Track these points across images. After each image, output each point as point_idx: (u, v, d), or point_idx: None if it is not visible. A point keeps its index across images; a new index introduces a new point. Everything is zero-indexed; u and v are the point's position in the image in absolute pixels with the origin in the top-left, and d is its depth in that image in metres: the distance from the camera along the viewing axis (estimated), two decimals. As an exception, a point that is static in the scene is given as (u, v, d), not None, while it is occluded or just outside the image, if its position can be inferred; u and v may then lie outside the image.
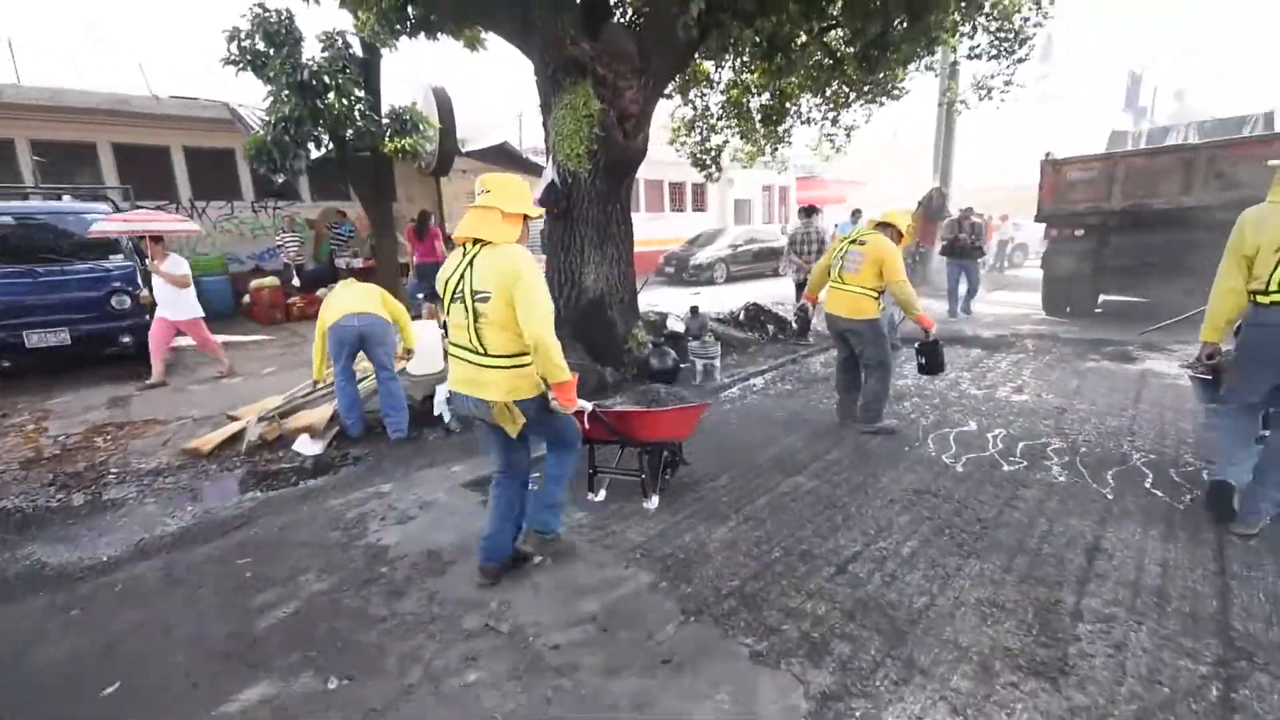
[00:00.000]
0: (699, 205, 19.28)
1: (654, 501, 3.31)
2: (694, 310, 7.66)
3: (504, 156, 11.10)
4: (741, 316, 8.54)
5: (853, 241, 4.28)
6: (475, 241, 2.29)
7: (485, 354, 2.27)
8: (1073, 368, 5.99)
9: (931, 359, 4.31)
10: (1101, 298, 9.09)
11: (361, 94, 9.84)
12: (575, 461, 2.70)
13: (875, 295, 4.18)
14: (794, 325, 8.88)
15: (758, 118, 10.02)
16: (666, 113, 10.44)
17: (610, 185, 5.91)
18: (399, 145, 9.88)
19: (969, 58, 10.87)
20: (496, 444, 2.51)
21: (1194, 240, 7.18)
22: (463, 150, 11.77)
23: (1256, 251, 2.54)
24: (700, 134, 10.82)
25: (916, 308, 4.15)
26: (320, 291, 11.03)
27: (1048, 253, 8.53)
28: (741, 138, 10.62)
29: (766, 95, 10.07)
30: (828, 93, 11.22)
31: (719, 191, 19.52)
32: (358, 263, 11.95)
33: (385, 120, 9.71)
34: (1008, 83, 10.75)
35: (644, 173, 16.95)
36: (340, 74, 8.87)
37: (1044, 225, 8.58)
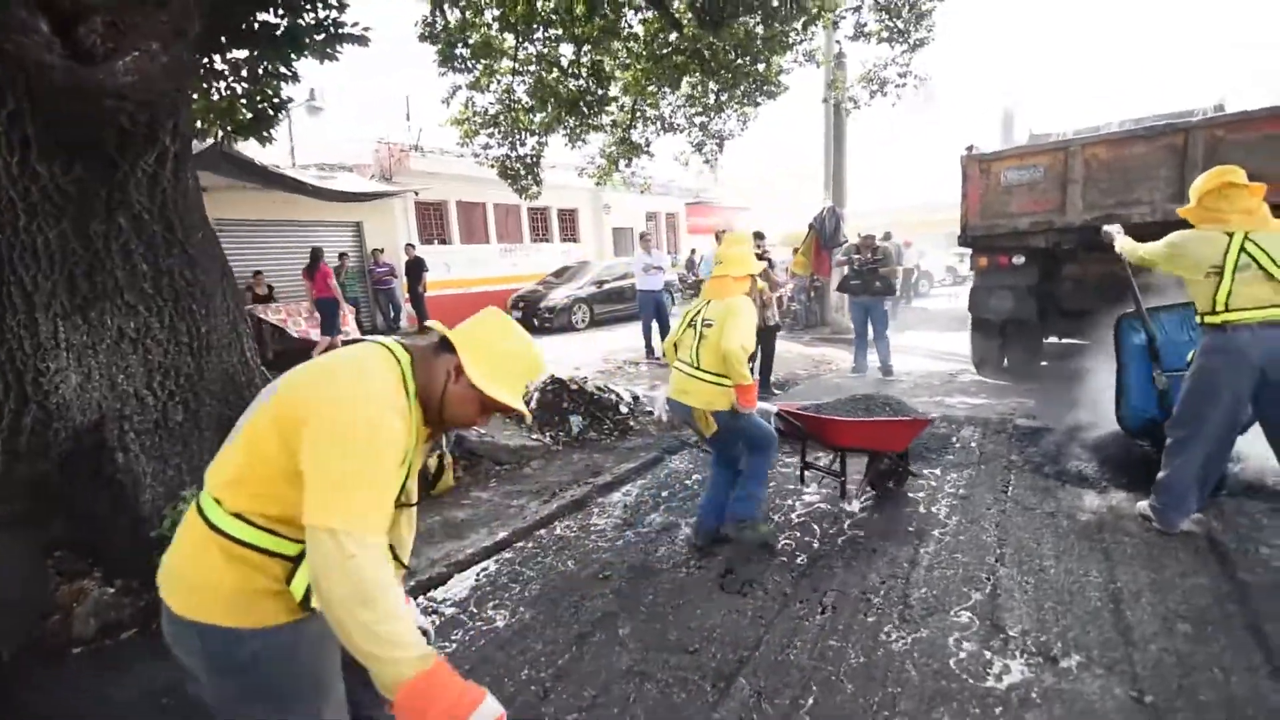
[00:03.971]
0: (569, 234, 16.30)
1: (853, 505, 3.47)
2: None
3: (223, 161, 7.61)
4: (533, 403, 5.37)
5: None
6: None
7: (698, 368, 2.85)
8: (1178, 543, 3.07)
9: None
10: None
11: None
12: (769, 464, 3.02)
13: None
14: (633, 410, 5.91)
15: (565, 106, 7.04)
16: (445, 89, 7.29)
17: (83, 168, 2.60)
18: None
19: (853, 38, 8.49)
20: (739, 435, 2.94)
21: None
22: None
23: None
24: (505, 133, 7.74)
25: None
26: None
27: (976, 290, 5.94)
28: (554, 131, 7.60)
29: (581, 78, 7.13)
30: (685, 85, 8.60)
31: (594, 219, 16.66)
32: None
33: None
34: (903, 74, 8.49)
35: (493, 196, 13.74)
36: None
37: (970, 252, 5.99)
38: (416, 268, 11.43)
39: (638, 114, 9.05)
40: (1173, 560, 2.68)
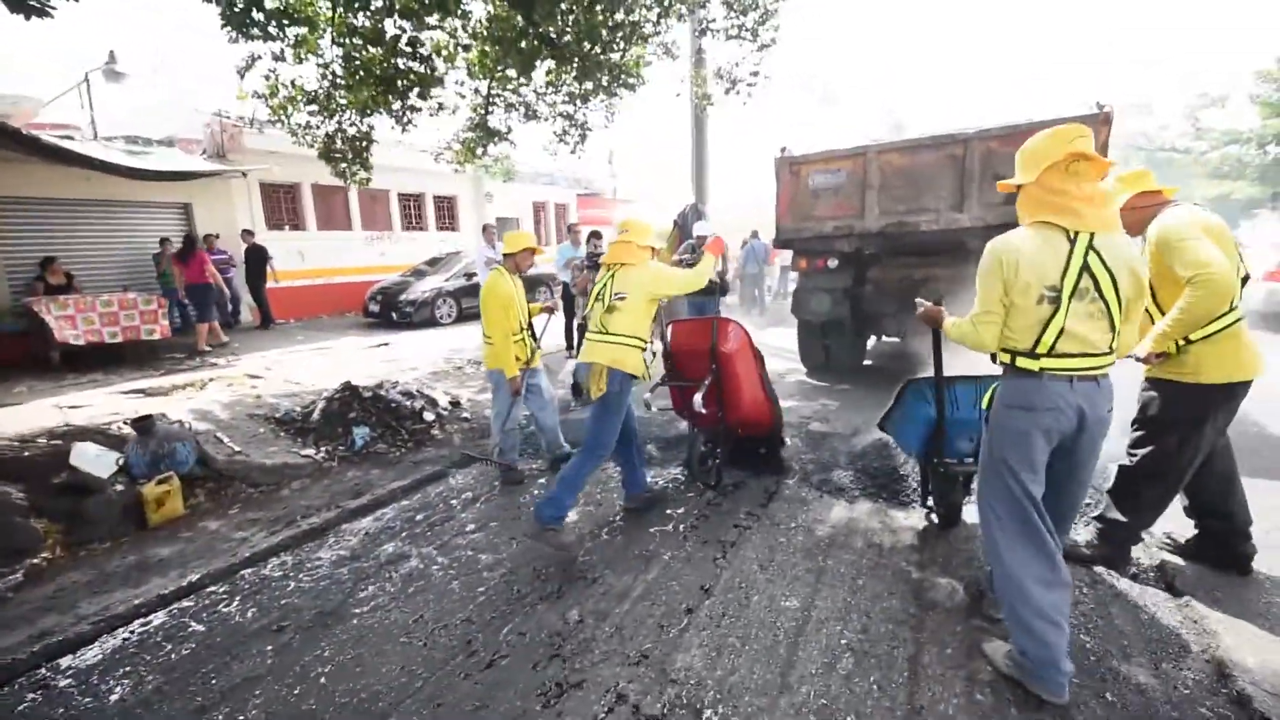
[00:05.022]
0: (447, 223, 15.47)
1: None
2: (144, 427, 3.82)
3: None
4: (317, 414, 4.84)
5: None
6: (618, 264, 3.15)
7: (606, 333, 3.06)
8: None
9: None
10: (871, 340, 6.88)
11: None
12: (587, 472, 3.12)
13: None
14: (436, 419, 5.46)
15: (382, 84, 6.45)
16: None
17: None
18: None
19: (699, 33, 8.43)
20: (590, 419, 3.15)
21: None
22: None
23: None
24: (329, 112, 7.03)
25: None
26: None
27: (797, 291, 5.98)
28: (373, 112, 6.99)
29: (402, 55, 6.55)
30: (539, 71, 8.18)
31: (474, 207, 15.90)
32: None
33: None
34: (754, 74, 8.50)
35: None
36: None
37: (792, 253, 6.01)
38: (257, 256, 10.38)
39: (493, 99, 8.60)
40: (876, 582, 2.63)
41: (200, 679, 2.24)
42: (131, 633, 2.56)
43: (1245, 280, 2.30)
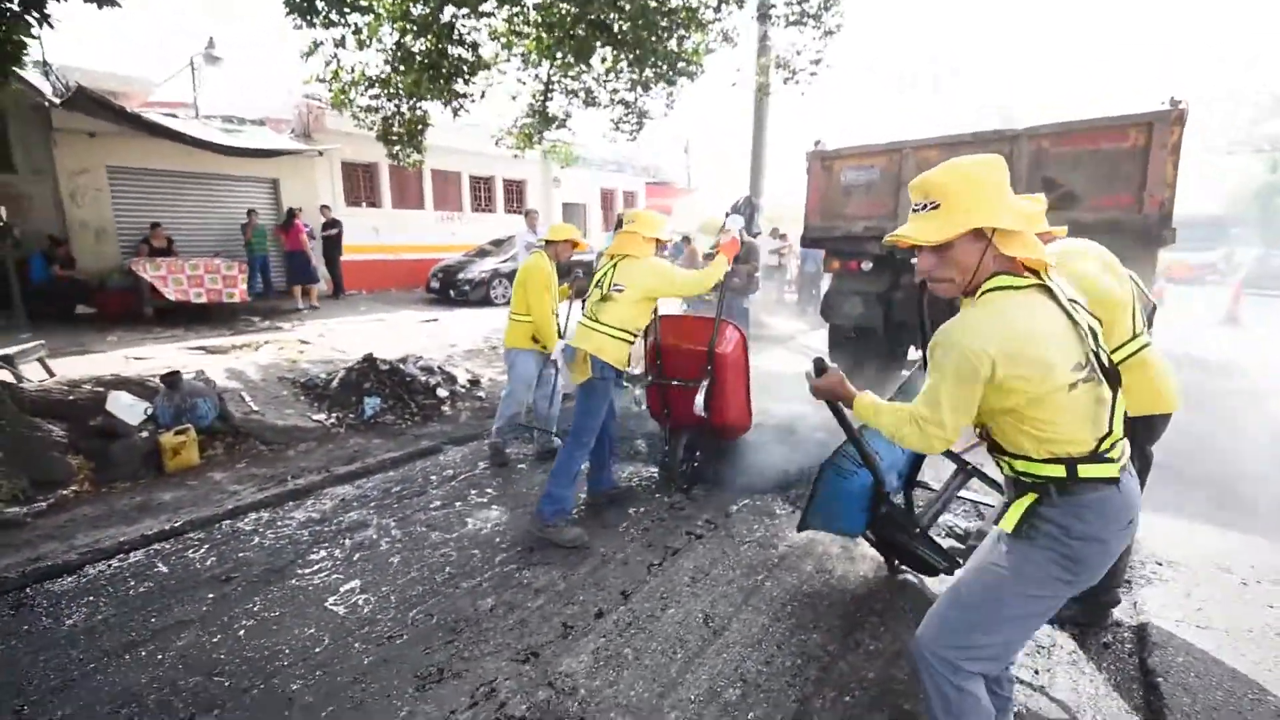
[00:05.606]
0: (515, 207, 15.86)
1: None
2: (171, 381, 4.18)
3: (90, 104, 7.26)
4: (336, 382, 5.12)
5: None
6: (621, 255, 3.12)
7: (598, 322, 3.05)
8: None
9: None
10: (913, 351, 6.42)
11: None
12: (576, 460, 3.04)
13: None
14: (444, 394, 5.63)
15: (426, 69, 6.64)
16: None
17: None
18: None
19: (756, 17, 8.10)
20: (575, 407, 3.13)
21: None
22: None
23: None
24: (390, 95, 7.36)
25: None
26: None
27: (829, 293, 5.66)
28: (421, 96, 7.21)
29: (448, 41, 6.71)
30: (595, 61, 8.17)
31: (543, 192, 16.21)
32: None
33: None
34: (815, 61, 8.08)
35: (432, 161, 13.46)
36: None
37: (822, 253, 5.70)
38: (332, 230, 11.10)
39: (553, 85, 8.70)
40: (806, 611, 2.45)
41: (142, 616, 2.44)
42: (108, 566, 2.82)
43: (1154, 311, 2.11)
